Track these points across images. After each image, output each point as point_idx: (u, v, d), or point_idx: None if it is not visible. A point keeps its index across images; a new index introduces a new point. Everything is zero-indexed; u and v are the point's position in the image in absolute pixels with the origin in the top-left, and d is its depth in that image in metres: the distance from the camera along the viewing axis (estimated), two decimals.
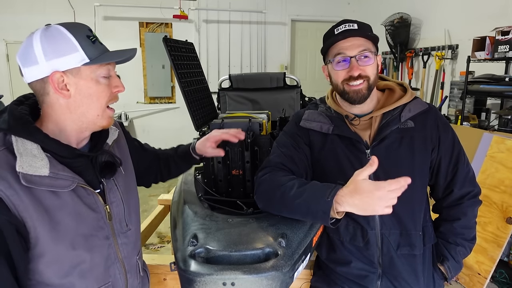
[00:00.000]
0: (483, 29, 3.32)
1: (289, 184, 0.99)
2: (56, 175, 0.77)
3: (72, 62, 0.78)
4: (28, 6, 5.17)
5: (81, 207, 0.82)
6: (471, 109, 3.39)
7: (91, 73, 0.81)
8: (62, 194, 0.78)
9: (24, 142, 0.76)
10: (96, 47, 0.81)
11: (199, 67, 1.99)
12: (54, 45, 0.77)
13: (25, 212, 0.73)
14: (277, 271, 0.82)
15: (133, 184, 1.04)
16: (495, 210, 2.32)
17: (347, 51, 1.03)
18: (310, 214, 0.94)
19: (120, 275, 0.92)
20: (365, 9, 5.97)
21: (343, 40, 1.03)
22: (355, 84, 1.03)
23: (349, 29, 1.02)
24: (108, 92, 0.84)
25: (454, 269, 1.14)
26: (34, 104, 0.85)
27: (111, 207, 0.90)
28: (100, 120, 0.85)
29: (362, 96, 1.05)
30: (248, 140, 1.33)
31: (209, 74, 5.59)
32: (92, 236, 0.84)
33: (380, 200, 0.82)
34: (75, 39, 0.78)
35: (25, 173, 0.73)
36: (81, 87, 0.80)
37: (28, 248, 0.75)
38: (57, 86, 0.78)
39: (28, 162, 0.74)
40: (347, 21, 1.04)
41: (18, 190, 0.72)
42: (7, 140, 0.77)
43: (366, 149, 1.07)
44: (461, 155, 1.12)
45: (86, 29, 0.82)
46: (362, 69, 1.03)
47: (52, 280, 0.79)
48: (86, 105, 0.82)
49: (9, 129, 0.77)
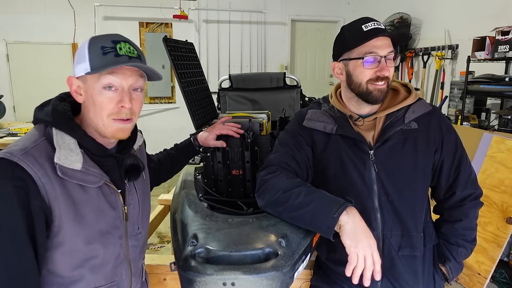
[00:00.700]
0: (483, 29, 3.32)
1: (296, 190, 0.98)
2: (87, 171, 0.82)
3: (81, 70, 0.84)
4: (28, 6, 5.17)
5: (104, 204, 0.87)
6: (471, 109, 3.39)
7: (93, 83, 0.84)
8: (89, 189, 0.84)
9: (63, 136, 0.82)
10: (104, 58, 0.82)
11: (199, 67, 1.99)
12: (77, 53, 0.86)
13: (55, 201, 0.78)
14: (277, 271, 0.82)
15: (148, 190, 1.08)
16: (495, 210, 2.32)
17: (379, 50, 1.00)
18: (313, 225, 0.93)
19: (126, 276, 0.95)
20: (365, 9, 5.97)
21: (375, 39, 0.99)
22: (380, 83, 1.02)
23: (378, 28, 1.00)
24: (110, 105, 0.84)
25: (456, 270, 1.14)
26: (73, 102, 0.90)
27: (129, 209, 0.94)
28: (105, 129, 0.86)
29: (384, 95, 1.04)
30: (248, 140, 1.33)
31: (209, 74, 5.59)
32: (108, 234, 0.88)
33: (368, 247, 0.86)
34: (87, 49, 0.83)
35: (62, 165, 0.78)
36: (88, 95, 0.85)
37: (49, 236, 0.79)
38: (74, 90, 0.87)
39: (65, 155, 0.79)
40: (370, 19, 1.01)
41: (52, 179, 0.77)
42: (47, 131, 0.83)
43: (370, 149, 1.06)
44: (463, 157, 1.12)
45: (108, 40, 0.84)
46: (389, 70, 1.02)
47: (64, 270, 0.82)
48: (92, 112, 0.86)
49: (53, 122, 0.83)
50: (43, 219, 0.77)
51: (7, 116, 3.99)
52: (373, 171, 1.06)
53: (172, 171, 1.33)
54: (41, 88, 5.20)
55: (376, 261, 0.86)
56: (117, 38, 0.86)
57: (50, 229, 0.79)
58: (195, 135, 1.37)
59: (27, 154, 0.76)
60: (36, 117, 0.86)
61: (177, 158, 1.34)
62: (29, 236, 0.75)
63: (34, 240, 0.76)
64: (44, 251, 0.79)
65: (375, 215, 1.06)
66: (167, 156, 1.32)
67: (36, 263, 0.77)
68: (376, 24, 1.00)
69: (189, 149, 1.37)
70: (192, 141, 1.37)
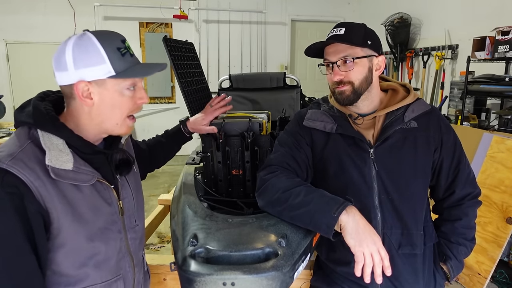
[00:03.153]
0: (483, 29, 3.32)
1: (296, 190, 0.98)
2: (78, 170, 0.81)
3: (98, 73, 0.80)
4: (29, 6, 5.18)
5: (99, 201, 0.86)
6: (471, 109, 3.39)
7: (115, 85, 0.82)
8: (83, 188, 0.83)
9: (50, 137, 0.80)
10: (125, 60, 0.82)
11: (199, 67, 1.99)
12: (83, 55, 0.79)
13: (50, 203, 0.77)
14: (277, 271, 0.82)
15: (139, 181, 1.09)
16: (495, 210, 2.32)
17: (330, 57, 1.06)
18: (312, 225, 0.93)
19: (129, 268, 0.96)
20: (365, 9, 5.98)
21: (328, 46, 1.07)
22: (339, 87, 1.06)
23: (334, 35, 1.04)
24: (131, 103, 0.86)
25: (457, 269, 1.15)
26: (54, 101, 0.88)
27: (124, 203, 0.94)
28: (118, 128, 0.88)
29: (346, 98, 1.06)
30: (248, 140, 1.34)
31: (209, 74, 5.60)
32: (107, 229, 0.88)
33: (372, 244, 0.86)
34: (104, 51, 0.80)
35: (53, 166, 0.77)
36: (104, 98, 0.83)
37: (49, 238, 0.79)
38: (82, 94, 0.81)
39: (55, 156, 0.77)
40: (339, 25, 1.06)
41: (45, 182, 0.76)
42: (32, 134, 0.80)
43: (370, 148, 1.07)
44: (462, 156, 1.13)
45: (118, 40, 0.83)
46: (344, 75, 1.04)
47: (68, 270, 0.82)
48: (107, 114, 0.84)
49: (35, 123, 0.80)
50: (41, 222, 0.76)
51: (7, 116, 4.00)
52: (373, 170, 1.06)
53: (163, 158, 1.33)
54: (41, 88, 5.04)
55: (383, 256, 0.86)
56: (120, 36, 0.85)
57: (49, 231, 0.78)
58: (185, 122, 1.35)
59: (15, 159, 0.74)
60: (17, 119, 0.83)
61: (168, 144, 1.33)
62: (29, 241, 0.74)
63: (35, 244, 0.75)
64: (46, 253, 0.79)
65: (375, 213, 1.06)
66: (157, 142, 1.31)
67: (38, 267, 0.76)
68: (336, 31, 1.04)
69: (179, 135, 1.35)
70: (181, 128, 1.35)
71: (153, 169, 1.31)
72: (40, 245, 0.76)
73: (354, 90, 1.05)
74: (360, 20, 1.07)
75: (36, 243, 0.75)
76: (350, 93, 1.06)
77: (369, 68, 1.06)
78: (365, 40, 1.04)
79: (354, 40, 1.02)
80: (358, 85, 1.05)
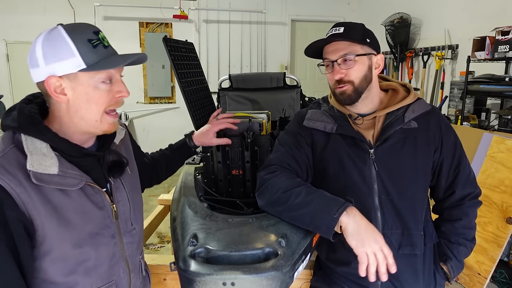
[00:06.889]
0: (483, 29, 3.32)
1: (296, 190, 0.98)
2: (64, 174, 0.78)
3: (69, 67, 0.77)
4: (29, 6, 5.18)
5: (88, 205, 0.83)
6: (471, 109, 3.39)
7: (89, 79, 0.79)
8: (71, 192, 0.79)
9: (34, 140, 0.77)
10: (96, 51, 0.78)
11: (199, 67, 1.99)
12: (52, 49, 0.76)
13: (33, 209, 0.74)
14: (277, 271, 0.82)
15: (137, 184, 1.05)
16: (495, 210, 2.32)
17: (329, 56, 1.06)
18: (312, 225, 0.93)
19: (124, 274, 0.93)
20: (365, 9, 5.97)
21: (327, 45, 1.06)
22: (339, 86, 1.06)
23: (334, 33, 1.04)
24: (108, 98, 0.82)
25: (457, 269, 1.15)
26: (42, 103, 0.85)
27: (118, 206, 0.91)
28: (100, 125, 0.83)
29: (347, 97, 1.06)
30: (248, 140, 1.33)
31: (209, 74, 5.59)
32: (98, 235, 0.85)
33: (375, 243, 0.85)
34: (73, 44, 0.76)
35: (35, 171, 0.73)
36: (78, 92, 0.79)
37: (35, 245, 0.76)
38: (54, 90, 0.78)
39: (38, 160, 0.74)
40: (337, 25, 1.06)
41: (27, 188, 0.73)
42: (16, 138, 0.77)
43: (370, 148, 1.07)
44: (462, 156, 1.13)
45: (90, 32, 0.79)
46: (345, 73, 1.04)
47: (57, 277, 0.80)
48: (85, 109, 0.81)
49: (19, 127, 0.77)
50: (23, 230, 0.73)
51: None
52: (373, 170, 1.06)
53: (167, 172, 1.29)
54: None
55: (387, 254, 0.85)
56: (93, 28, 0.81)
57: (34, 238, 0.75)
58: (190, 135, 1.33)
59: None
60: (3, 123, 0.79)
61: (172, 159, 1.29)
62: (9, 250, 0.71)
63: (17, 252, 0.72)
64: (32, 261, 0.76)
65: (376, 213, 1.06)
66: (161, 156, 1.28)
67: (20, 276, 0.73)
68: (335, 30, 1.04)
69: (184, 150, 1.32)
70: (187, 142, 1.32)
71: (153, 184, 1.27)
72: (23, 253, 0.73)
73: (355, 89, 1.05)
74: (360, 20, 1.07)
75: (19, 252, 0.72)
76: (351, 92, 1.05)
77: (369, 66, 1.06)
78: (364, 38, 1.04)
79: (354, 37, 1.02)
80: (358, 83, 1.05)
